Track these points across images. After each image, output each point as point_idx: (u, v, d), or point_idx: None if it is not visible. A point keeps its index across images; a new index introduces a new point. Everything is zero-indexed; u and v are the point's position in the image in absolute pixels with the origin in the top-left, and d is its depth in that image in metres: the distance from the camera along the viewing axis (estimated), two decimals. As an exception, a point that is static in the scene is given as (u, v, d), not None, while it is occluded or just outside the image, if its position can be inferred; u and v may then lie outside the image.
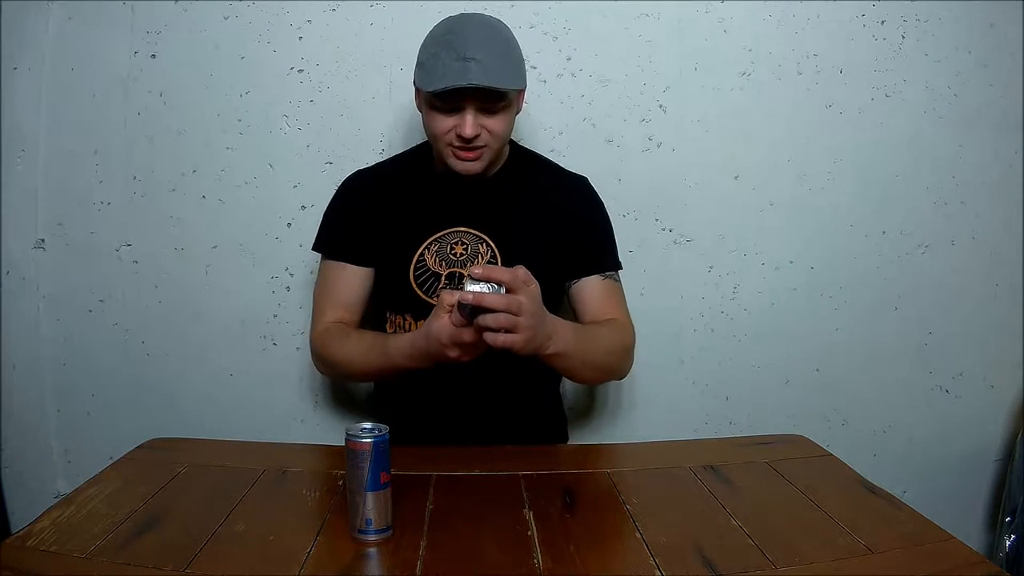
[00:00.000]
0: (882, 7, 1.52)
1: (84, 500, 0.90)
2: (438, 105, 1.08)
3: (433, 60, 1.07)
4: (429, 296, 1.15)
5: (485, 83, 1.03)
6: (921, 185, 1.58)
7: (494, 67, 1.05)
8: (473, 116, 1.06)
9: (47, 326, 1.49)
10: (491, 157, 1.14)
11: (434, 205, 1.20)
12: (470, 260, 1.16)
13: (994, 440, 1.69)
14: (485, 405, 1.19)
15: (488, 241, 1.18)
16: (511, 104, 1.11)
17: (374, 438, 0.81)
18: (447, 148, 1.11)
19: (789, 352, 1.60)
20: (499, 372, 1.17)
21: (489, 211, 1.19)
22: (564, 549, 0.80)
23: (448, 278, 1.16)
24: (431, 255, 1.17)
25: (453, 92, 1.04)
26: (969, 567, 0.80)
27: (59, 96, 1.44)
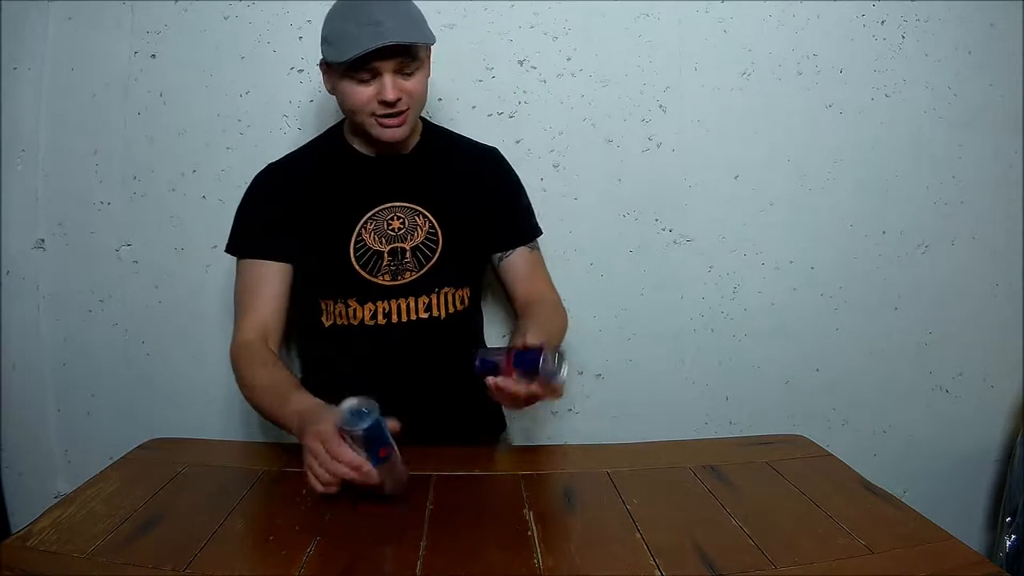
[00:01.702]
0: (882, 7, 1.52)
1: (84, 500, 0.90)
2: (354, 76, 1.07)
3: (341, 33, 1.06)
4: (373, 276, 1.13)
5: (400, 39, 1.03)
6: (921, 185, 1.58)
7: (403, 25, 1.05)
8: (391, 79, 1.06)
9: (47, 326, 1.49)
10: (413, 121, 1.15)
11: (360, 185, 1.18)
12: (409, 233, 1.15)
13: (994, 440, 1.69)
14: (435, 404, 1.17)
15: (424, 213, 1.17)
16: (423, 64, 1.11)
17: (364, 430, 0.84)
18: (370, 119, 1.10)
19: (789, 352, 1.60)
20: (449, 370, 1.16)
21: (417, 184, 1.18)
22: (564, 549, 0.80)
23: (391, 255, 1.14)
24: (368, 233, 1.15)
25: (368, 57, 1.03)
26: (969, 567, 0.80)
27: (59, 96, 1.44)
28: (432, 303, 1.15)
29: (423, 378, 1.17)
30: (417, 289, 1.14)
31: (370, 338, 1.14)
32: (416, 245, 1.15)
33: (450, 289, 1.16)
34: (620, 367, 1.56)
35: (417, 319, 1.14)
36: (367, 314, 1.13)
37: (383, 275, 1.13)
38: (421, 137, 1.23)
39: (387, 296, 1.13)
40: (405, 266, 1.14)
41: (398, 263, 1.14)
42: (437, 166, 1.22)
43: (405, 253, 1.15)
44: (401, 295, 1.14)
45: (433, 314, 1.15)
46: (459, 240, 1.16)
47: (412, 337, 1.14)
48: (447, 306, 1.16)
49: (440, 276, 1.15)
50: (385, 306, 1.13)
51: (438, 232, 1.16)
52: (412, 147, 1.21)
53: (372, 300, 1.13)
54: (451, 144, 1.27)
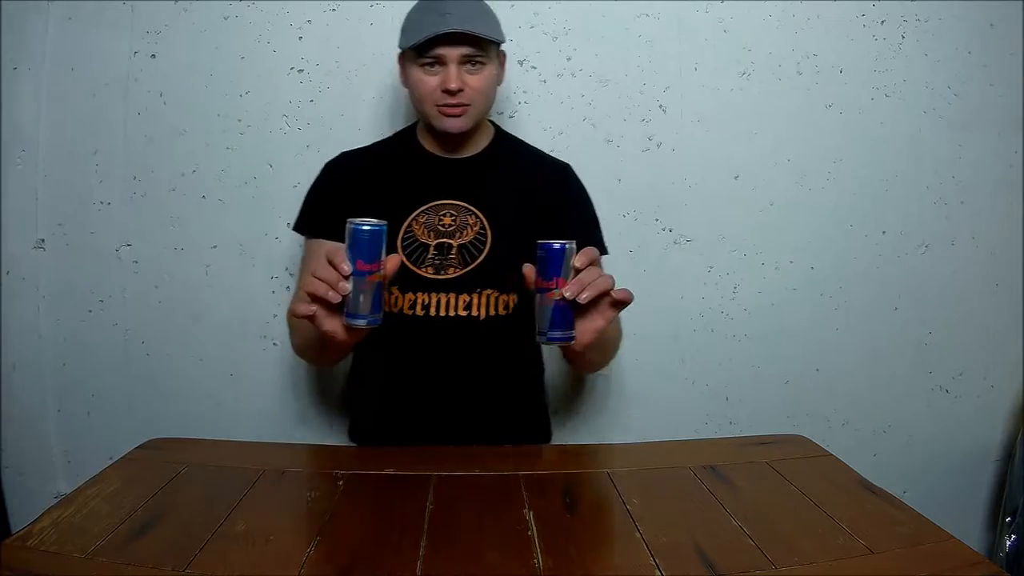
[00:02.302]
0: (882, 7, 1.52)
1: (84, 500, 0.90)
2: (422, 63, 1.11)
3: (414, 21, 1.12)
4: (417, 267, 1.15)
5: (464, 28, 1.07)
6: (921, 185, 1.58)
7: (471, 18, 1.09)
8: (456, 69, 1.10)
9: (47, 326, 1.49)
10: (475, 117, 1.16)
11: (420, 180, 1.21)
12: (459, 230, 1.16)
13: (994, 440, 1.69)
14: (467, 408, 1.19)
15: (476, 213, 1.18)
16: (491, 62, 1.14)
17: (353, 225, 0.86)
18: (433, 108, 1.13)
19: (789, 352, 1.60)
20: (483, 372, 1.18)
21: (476, 186, 1.20)
22: (564, 549, 0.80)
23: (436, 248, 1.15)
24: (419, 226, 1.17)
25: (434, 44, 1.07)
26: (969, 567, 0.79)
27: (59, 96, 1.44)
28: (473, 302, 1.15)
29: (458, 375, 1.18)
30: (458, 286, 1.15)
31: (408, 328, 1.14)
32: (463, 243, 1.16)
33: (493, 292, 1.16)
34: (620, 367, 1.56)
35: (455, 316, 1.15)
36: (407, 303, 1.14)
37: (426, 267, 1.15)
38: (490, 142, 1.25)
39: (428, 288, 1.14)
40: (449, 261, 1.15)
41: (443, 258, 1.15)
42: (500, 171, 1.23)
43: (451, 249, 1.16)
44: (442, 289, 1.15)
45: (472, 313, 1.15)
46: (508, 245, 1.16)
47: (449, 333, 1.15)
48: (488, 308, 1.16)
49: (483, 277, 1.15)
50: (425, 298, 1.14)
51: (487, 233, 1.17)
52: (479, 150, 1.23)
53: (413, 290, 1.14)
54: (520, 153, 1.28)
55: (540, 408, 1.33)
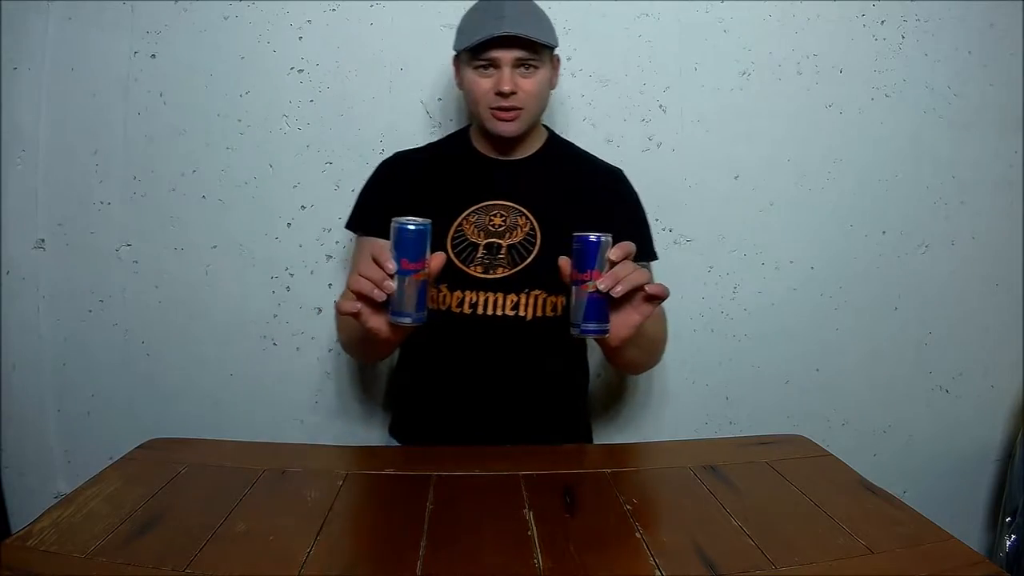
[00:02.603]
0: (882, 7, 1.52)
1: (84, 500, 0.90)
2: (477, 65, 1.13)
3: (471, 23, 1.14)
4: (466, 265, 1.16)
5: (518, 31, 1.08)
6: (921, 185, 1.58)
7: (526, 22, 1.11)
8: (509, 72, 1.11)
9: (47, 326, 1.49)
10: (528, 121, 1.17)
11: (471, 180, 1.22)
12: (509, 231, 1.17)
13: (994, 440, 1.69)
14: (510, 408, 1.19)
15: (527, 214, 1.19)
16: (544, 66, 1.15)
17: (398, 224, 0.87)
18: (487, 111, 1.15)
19: (789, 352, 1.60)
20: (528, 372, 1.19)
21: (527, 188, 1.21)
22: (564, 549, 0.80)
23: (486, 248, 1.17)
24: (469, 225, 1.18)
25: (489, 46, 1.09)
26: (969, 567, 0.79)
27: (59, 96, 1.44)
28: (520, 303, 1.15)
29: (503, 374, 1.18)
30: (507, 286, 1.15)
31: (456, 325, 1.15)
32: (513, 244, 1.17)
33: (541, 293, 1.16)
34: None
35: (503, 315, 1.15)
36: (455, 301, 1.15)
37: (475, 266, 1.16)
38: (543, 145, 1.26)
39: (477, 287, 1.15)
40: (498, 261, 1.16)
41: (492, 257, 1.16)
42: (551, 174, 1.24)
43: (500, 249, 1.16)
44: (490, 288, 1.15)
45: (520, 313, 1.15)
46: (557, 246, 1.14)
47: (495, 332, 1.16)
48: (535, 309, 1.16)
49: (532, 278, 1.16)
50: (473, 296, 1.15)
51: (537, 235, 1.17)
52: (531, 153, 1.24)
53: (462, 288, 1.15)
54: (572, 157, 1.29)
55: (582, 411, 1.34)
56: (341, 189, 1.45)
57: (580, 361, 1.32)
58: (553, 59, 1.19)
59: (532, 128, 1.22)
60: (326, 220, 1.48)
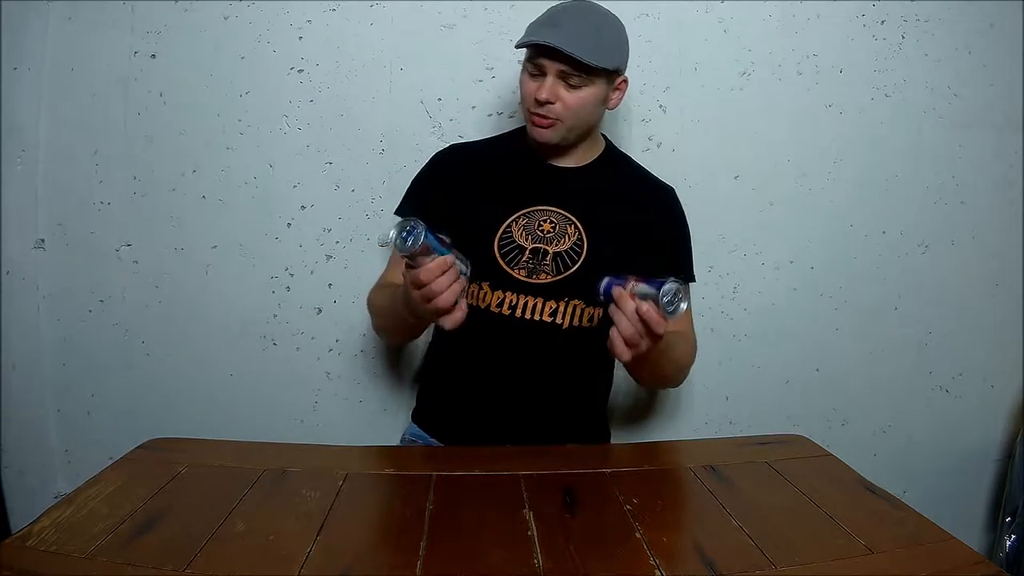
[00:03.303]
0: (882, 7, 1.52)
1: (84, 500, 0.90)
2: (529, 67, 1.13)
3: (533, 24, 1.14)
4: (510, 268, 1.16)
5: (561, 46, 1.06)
6: (921, 185, 1.58)
7: (578, 38, 1.08)
8: (552, 82, 1.11)
9: (47, 326, 1.49)
10: (564, 133, 1.16)
11: (525, 183, 1.22)
12: (557, 238, 1.17)
13: (994, 440, 1.69)
14: (534, 410, 1.20)
15: (576, 223, 1.19)
16: (595, 85, 1.13)
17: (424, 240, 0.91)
18: (527, 113, 1.15)
19: (789, 352, 1.60)
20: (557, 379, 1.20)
21: (580, 197, 1.21)
22: (564, 549, 0.80)
23: (532, 253, 1.16)
24: (518, 228, 1.18)
25: (536, 53, 1.09)
26: (969, 567, 0.80)
27: (59, 96, 1.43)
28: (559, 310, 1.16)
29: (531, 378, 1.19)
30: (547, 292, 1.16)
31: (493, 325, 1.16)
32: (559, 251, 1.17)
33: (580, 303, 1.16)
34: (620, 367, 1.56)
35: (540, 320, 1.15)
36: (495, 300, 1.16)
37: (519, 269, 1.16)
38: (600, 156, 1.26)
39: (518, 290, 1.15)
40: (543, 267, 1.16)
41: (536, 262, 1.16)
42: (604, 185, 1.24)
43: (546, 255, 1.16)
44: (531, 293, 1.15)
45: (556, 321, 1.16)
46: (603, 259, 1.16)
47: (530, 336, 1.16)
48: (573, 318, 1.16)
49: (573, 287, 1.16)
50: (513, 298, 1.15)
51: (584, 245, 1.17)
52: (588, 162, 1.24)
53: (503, 289, 1.15)
54: (627, 170, 1.29)
55: (602, 421, 1.35)
56: (341, 189, 1.45)
57: (607, 372, 1.33)
58: (615, 80, 1.17)
59: (585, 138, 1.21)
60: (326, 220, 1.48)
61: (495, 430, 1.17)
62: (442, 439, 1.25)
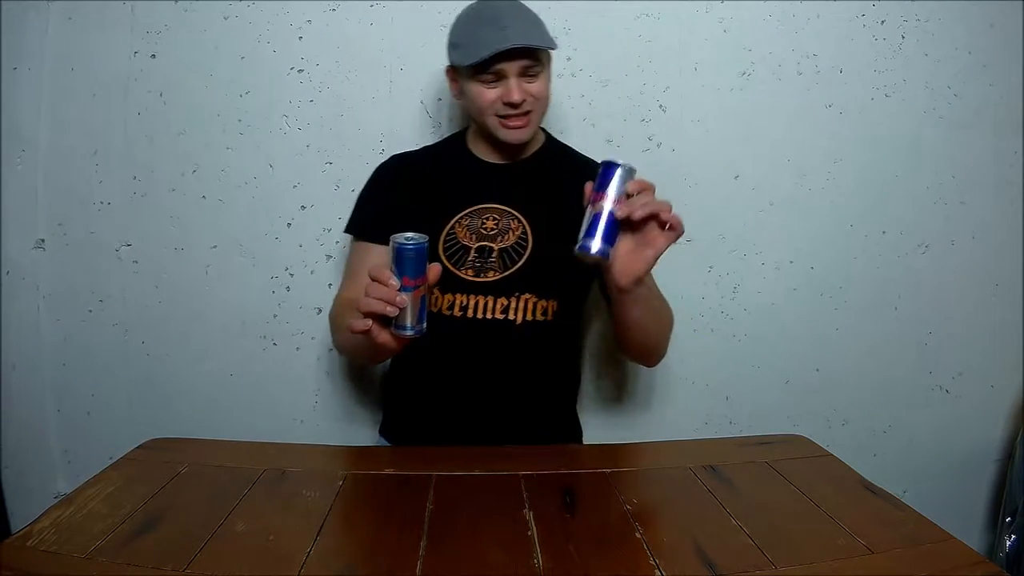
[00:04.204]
0: (882, 7, 1.52)
1: (84, 500, 0.90)
2: (481, 78, 1.12)
3: (470, 37, 1.12)
4: (457, 269, 1.15)
5: (525, 43, 1.08)
6: (921, 185, 1.58)
7: (527, 29, 1.10)
8: (516, 81, 1.11)
9: (47, 326, 1.49)
10: (537, 124, 1.18)
11: (466, 183, 1.22)
12: (501, 234, 1.17)
13: (994, 440, 1.69)
14: (499, 411, 1.19)
15: (519, 217, 1.18)
16: (546, 68, 1.15)
17: (398, 244, 0.89)
18: (495, 120, 1.14)
19: (789, 352, 1.60)
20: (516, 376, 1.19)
21: (522, 192, 1.21)
22: (564, 549, 0.80)
23: (477, 251, 1.16)
24: (462, 228, 1.18)
25: (494, 60, 1.08)
26: (969, 567, 0.80)
27: (59, 96, 1.44)
28: (510, 306, 1.15)
29: (491, 378, 1.18)
30: (497, 289, 1.15)
31: (446, 328, 1.15)
32: (504, 247, 1.17)
33: (531, 297, 1.16)
34: (620, 367, 1.56)
35: (492, 319, 1.15)
36: (445, 304, 1.15)
37: (466, 269, 1.15)
38: (540, 148, 1.26)
39: (467, 290, 1.15)
40: (489, 265, 1.16)
41: (483, 261, 1.16)
42: (547, 177, 1.23)
43: (492, 252, 1.16)
44: (481, 292, 1.15)
45: (509, 317, 1.15)
46: (549, 250, 1.16)
47: (485, 335, 1.15)
48: (526, 313, 1.16)
49: (522, 281, 1.15)
50: (463, 300, 1.15)
51: (529, 239, 1.17)
52: (528, 155, 1.24)
53: (452, 292, 1.15)
54: (567, 159, 1.29)
55: (572, 414, 1.33)
56: (341, 189, 1.45)
57: (571, 365, 1.32)
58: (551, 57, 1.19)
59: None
60: (326, 220, 1.48)
61: (461, 434, 1.16)
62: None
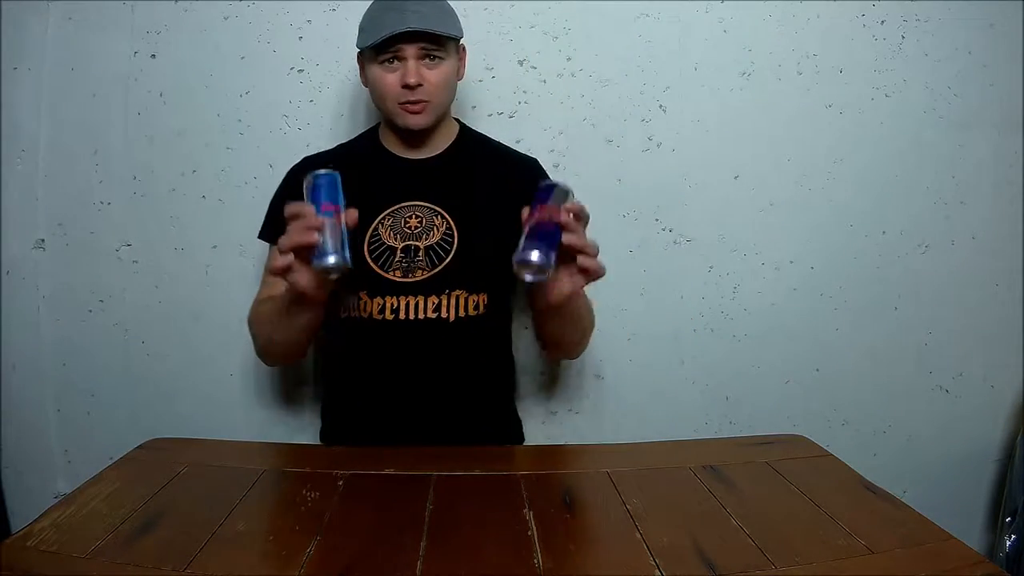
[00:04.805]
0: (882, 7, 1.52)
1: (84, 500, 0.90)
2: (380, 60, 1.12)
3: (373, 21, 1.13)
4: (384, 271, 1.14)
5: (421, 26, 1.08)
6: (921, 185, 1.58)
7: (429, 14, 1.10)
8: (414, 64, 1.11)
9: (47, 326, 1.49)
10: (436, 112, 1.16)
11: (386, 182, 1.20)
12: (425, 232, 1.16)
13: (994, 440, 1.69)
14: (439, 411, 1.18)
15: (443, 213, 1.18)
16: (450, 57, 1.15)
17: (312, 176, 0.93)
18: (395, 105, 1.14)
19: (789, 352, 1.60)
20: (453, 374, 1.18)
21: (441, 186, 1.20)
22: (564, 549, 0.80)
23: (403, 251, 1.15)
24: (385, 229, 1.17)
25: (392, 41, 1.09)
26: (969, 567, 0.80)
27: (59, 96, 1.44)
28: (441, 304, 1.14)
29: (429, 378, 1.17)
30: (427, 288, 1.14)
31: (378, 333, 1.14)
32: (430, 245, 1.16)
33: (462, 292, 1.15)
34: (620, 367, 1.56)
35: (425, 318, 1.14)
36: (375, 308, 1.14)
37: (394, 271, 1.14)
38: (455, 140, 1.25)
39: (396, 292, 1.14)
40: (417, 264, 1.15)
41: (410, 260, 1.15)
42: (466, 170, 1.22)
43: (418, 251, 1.15)
44: (410, 292, 1.14)
45: (442, 315, 1.15)
46: (476, 244, 1.16)
47: (419, 336, 1.15)
48: (457, 309, 1.15)
49: (452, 278, 1.15)
50: (394, 302, 1.14)
51: (454, 234, 1.16)
52: (443, 149, 1.23)
53: (381, 295, 1.14)
54: (486, 151, 1.28)
55: (511, 409, 1.33)
56: (341, 189, 1.45)
57: (506, 358, 1.31)
58: (460, 49, 1.19)
59: (443, 123, 1.21)
60: (326, 220, 1.47)
61: (402, 437, 1.15)
62: None
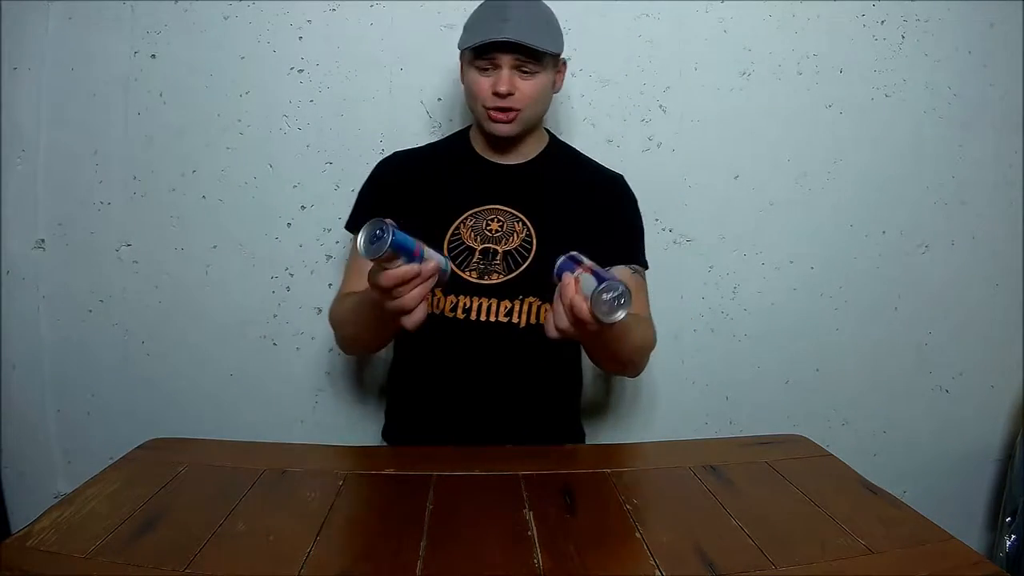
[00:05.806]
0: (882, 7, 1.52)
1: (84, 500, 0.90)
2: (477, 64, 1.13)
3: (476, 23, 1.14)
4: (461, 270, 1.15)
5: (519, 39, 1.08)
6: (921, 185, 1.58)
7: (530, 28, 1.11)
8: (508, 73, 1.11)
9: (47, 326, 1.49)
10: (524, 123, 1.17)
11: (471, 183, 1.21)
12: (505, 237, 1.17)
13: (994, 440, 1.69)
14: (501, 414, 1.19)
15: (524, 220, 1.18)
16: (546, 71, 1.15)
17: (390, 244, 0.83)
18: (483, 110, 1.15)
19: (789, 352, 1.60)
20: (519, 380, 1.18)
21: (526, 193, 1.20)
22: (564, 549, 0.80)
23: (482, 253, 1.16)
24: (467, 229, 1.17)
25: (489, 48, 1.10)
26: (969, 567, 0.80)
27: (59, 96, 1.43)
28: (514, 309, 1.15)
29: (493, 381, 1.18)
30: (501, 292, 1.15)
31: (448, 330, 1.15)
32: (508, 250, 1.16)
33: (535, 300, 1.15)
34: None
35: (496, 321, 1.15)
36: (448, 305, 1.15)
37: (470, 271, 1.15)
38: (544, 150, 1.26)
39: (471, 292, 1.15)
40: (494, 267, 1.15)
41: (487, 263, 1.15)
42: (551, 180, 1.23)
43: (496, 255, 1.16)
44: (484, 294, 1.15)
45: (513, 320, 1.15)
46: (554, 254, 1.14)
47: (488, 338, 1.15)
48: (529, 316, 1.15)
49: (526, 284, 1.15)
50: (467, 302, 1.14)
51: (533, 241, 1.17)
52: (532, 157, 1.24)
53: (456, 293, 1.14)
54: (573, 162, 1.29)
55: (574, 418, 1.33)
56: (341, 189, 1.45)
57: (573, 368, 1.31)
58: (558, 64, 1.19)
59: (532, 131, 1.22)
60: (326, 220, 1.48)
61: (463, 438, 1.15)
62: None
